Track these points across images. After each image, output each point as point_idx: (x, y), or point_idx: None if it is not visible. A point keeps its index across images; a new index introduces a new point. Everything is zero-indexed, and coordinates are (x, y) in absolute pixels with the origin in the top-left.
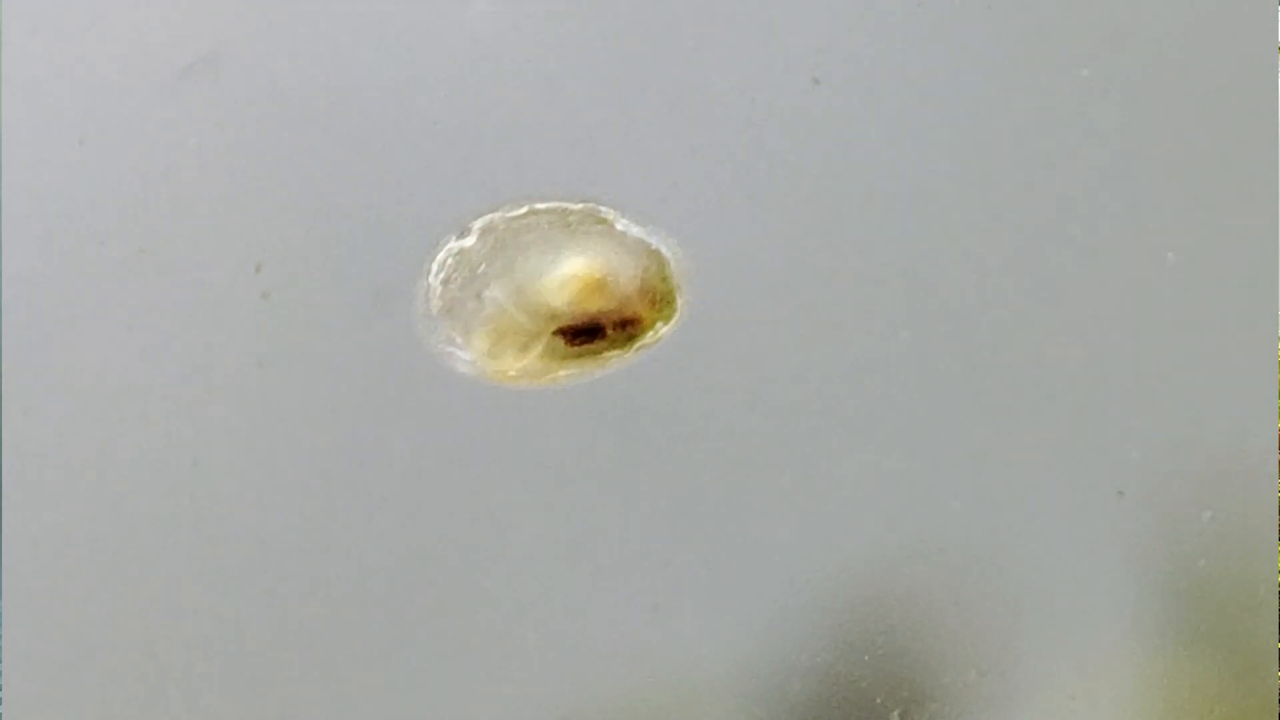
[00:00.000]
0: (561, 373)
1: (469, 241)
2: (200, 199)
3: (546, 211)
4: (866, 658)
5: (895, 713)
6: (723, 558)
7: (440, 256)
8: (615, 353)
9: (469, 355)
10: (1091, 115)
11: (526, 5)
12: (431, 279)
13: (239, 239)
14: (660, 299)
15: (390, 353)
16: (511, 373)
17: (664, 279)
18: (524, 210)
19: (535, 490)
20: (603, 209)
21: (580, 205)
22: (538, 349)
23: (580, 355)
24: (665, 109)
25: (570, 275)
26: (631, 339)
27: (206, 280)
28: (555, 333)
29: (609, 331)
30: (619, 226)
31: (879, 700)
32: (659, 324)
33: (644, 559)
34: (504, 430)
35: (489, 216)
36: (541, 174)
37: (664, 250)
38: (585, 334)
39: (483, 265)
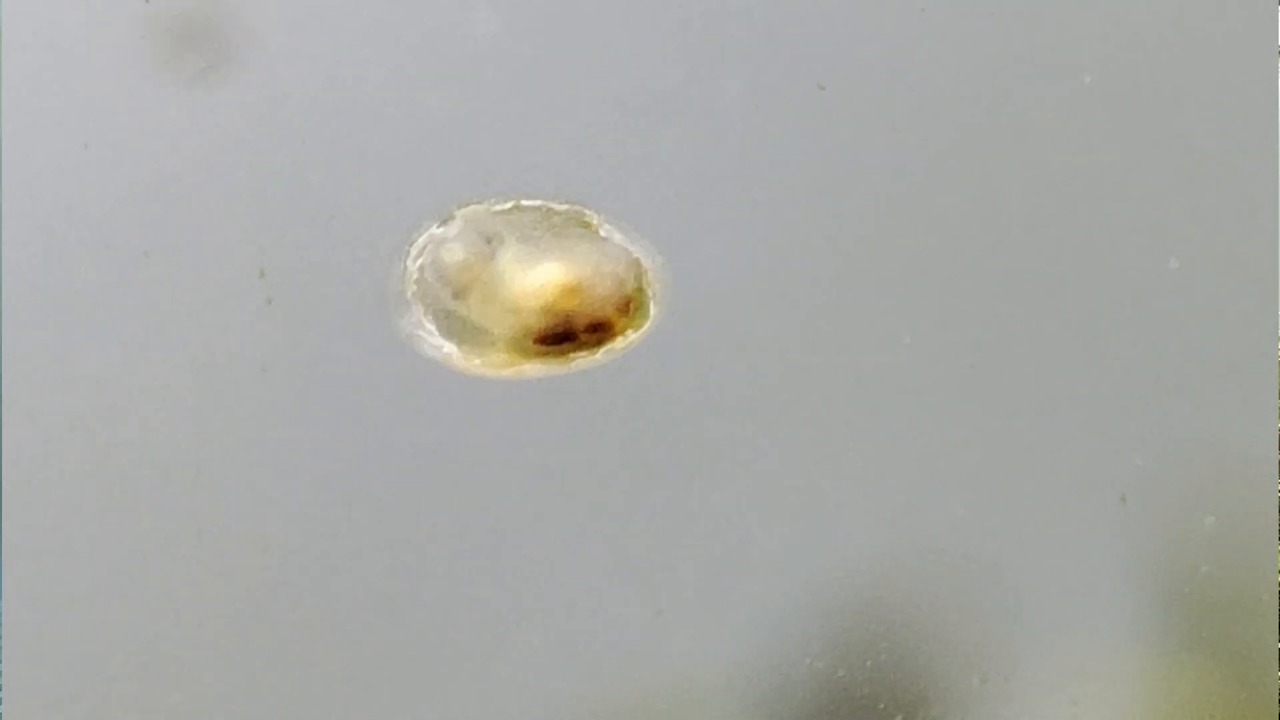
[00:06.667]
0: (528, 366)
1: (451, 230)
2: (204, 204)
3: (532, 209)
4: (869, 663)
5: (898, 718)
6: (725, 565)
7: (420, 242)
8: (582, 353)
9: (437, 340)
10: (1094, 122)
11: (529, 11)
12: (409, 262)
13: (242, 244)
14: (634, 307)
15: (392, 358)
16: (477, 361)
17: (640, 288)
18: (509, 205)
19: (539, 496)
20: (588, 212)
21: (566, 206)
22: (506, 347)
23: (546, 355)
24: (669, 116)
25: (546, 281)
26: (600, 343)
27: (209, 285)
28: (525, 336)
29: (580, 335)
30: (603, 231)
31: (881, 706)
32: (629, 331)
33: (647, 565)
34: (500, 437)
35: (473, 207)
36: (534, 171)
37: (644, 258)
38: (556, 339)
39: (460, 255)
